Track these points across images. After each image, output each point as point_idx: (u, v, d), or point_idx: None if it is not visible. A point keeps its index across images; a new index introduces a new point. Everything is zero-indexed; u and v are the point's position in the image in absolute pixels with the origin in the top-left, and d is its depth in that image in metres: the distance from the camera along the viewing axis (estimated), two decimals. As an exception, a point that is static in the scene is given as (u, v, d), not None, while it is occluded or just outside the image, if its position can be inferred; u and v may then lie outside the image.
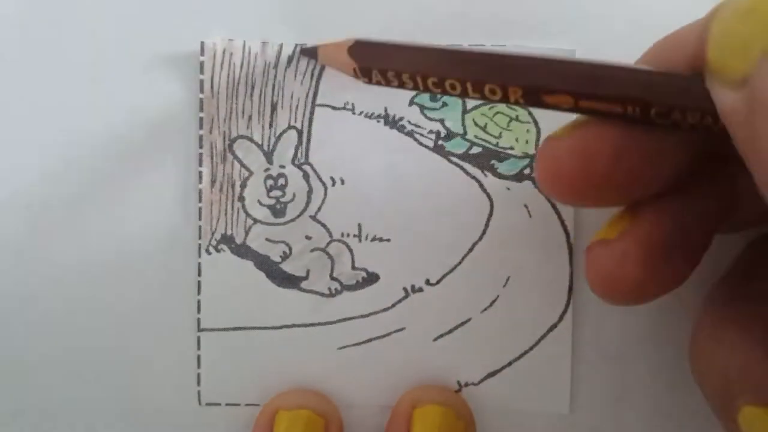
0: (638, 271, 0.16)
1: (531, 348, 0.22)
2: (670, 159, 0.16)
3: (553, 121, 0.21)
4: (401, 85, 0.18)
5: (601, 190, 0.15)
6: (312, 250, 0.22)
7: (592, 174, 0.15)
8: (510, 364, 0.22)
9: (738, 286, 0.17)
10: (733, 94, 0.13)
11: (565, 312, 0.22)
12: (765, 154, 0.12)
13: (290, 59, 0.22)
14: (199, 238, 0.22)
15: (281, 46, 0.22)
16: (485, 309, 0.22)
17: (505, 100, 0.16)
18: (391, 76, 0.17)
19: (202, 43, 0.21)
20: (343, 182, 0.22)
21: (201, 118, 0.22)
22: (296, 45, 0.22)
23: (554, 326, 0.22)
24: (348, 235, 0.22)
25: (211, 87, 0.22)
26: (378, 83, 0.19)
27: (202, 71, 0.21)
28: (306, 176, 0.22)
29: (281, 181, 0.22)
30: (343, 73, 0.20)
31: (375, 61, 0.18)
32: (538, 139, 0.22)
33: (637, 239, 0.16)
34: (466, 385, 0.22)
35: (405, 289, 0.22)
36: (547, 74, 0.15)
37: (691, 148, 0.16)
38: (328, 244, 0.22)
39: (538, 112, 0.22)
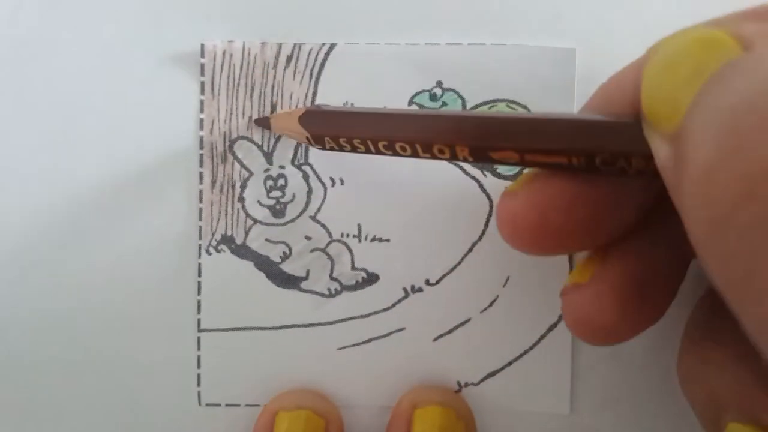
0: (613, 314, 0.16)
1: (531, 348, 0.22)
2: (629, 202, 0.16)
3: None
4: (354, 149, 0.18)
5: (560, 240, 0.15)
6: (312, 251, 0.22)
7: (549, 226, 0.15)
8: (510, 364, 0.22)
9: (719, 303, 0.17)
10: (666, 147, 0.12)
11: (564, 312, 0.22)
12: (693, 223, 0.11)
13: (289, 59, 0.22)
14: (200, 238, 0.22)
15: (280, 46, 0.22)
16: (485, 309, 0.22)
17: (454, 158, 0.16)
18: (343, 142, 0.18)
19: (203, 45, 0.21)
20: (342, 182, 0.22)
21: (201, 120, 0.22)
22: (294, 44, 0.22)
23: (554, 326, 0.21)
24: (347, 235, 0.22)
25: (212, 88, 0.22)
26: (332, 149, 0.19)
27: (202, 73, 0.22)
28: (306, 176, 0.22)
29: (281, 181, 0.22)
30: (296, 140, 0.20)
31: (326, 129, 0.18)
32: (537, 139, 0.22)
33: (608, 282, 0.16)
34: (466, 385, 0.22)
35: (405, 289, 0.22)
36: (491, 132, 0.15)
37: (651, 188, 0.16)
38: (328, 244, 0.22)
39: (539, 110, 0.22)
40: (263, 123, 0.21)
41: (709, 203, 0.10)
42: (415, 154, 0.16)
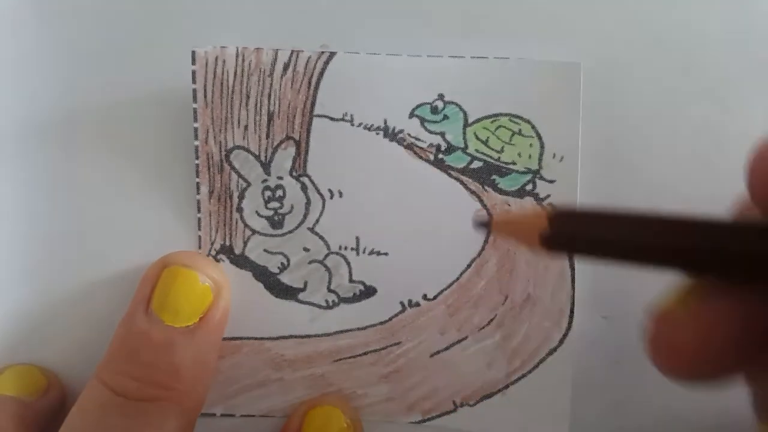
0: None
1: (530, 371, 0.21)
2: None
3: (557, 136, 0.21)
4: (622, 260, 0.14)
5: (724, 364, 0.13)
6: (310, 262, 0.22)
7: (716, 350, 0.13)
8: (507, 387, 0.21)
9: None
10: None
11: (566, 336, 0.21)
12: None
13: (286, 66, 0.21)
14: (199, 247, 0.22)
15: (276, 52, 0.21)
16: (483, 327, 0.21)
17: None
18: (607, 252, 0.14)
19: (193, 52, 0.21)
20: (341, 195, 0.21)
21: (196, 129, 0.21)
22: (292, 51, 0.21)
23: (554, 350, 0.21)
24: (346, 248, 0.21)
25: (204, 96, 0.21)
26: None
27: (194, 81, 0.21)
28: (304, 188, 0.21)
29: (279, 192, 0.21)
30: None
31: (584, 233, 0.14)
32: (541, 154, 0.21)
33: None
34: (462, 405, 0.21)
35: (402, 304, 0.21)
36: None
37: None
38: (326, 256, 0.22)
39: (543, 127, 0.21)
40: (482, 225, 0.17)
41: None
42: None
